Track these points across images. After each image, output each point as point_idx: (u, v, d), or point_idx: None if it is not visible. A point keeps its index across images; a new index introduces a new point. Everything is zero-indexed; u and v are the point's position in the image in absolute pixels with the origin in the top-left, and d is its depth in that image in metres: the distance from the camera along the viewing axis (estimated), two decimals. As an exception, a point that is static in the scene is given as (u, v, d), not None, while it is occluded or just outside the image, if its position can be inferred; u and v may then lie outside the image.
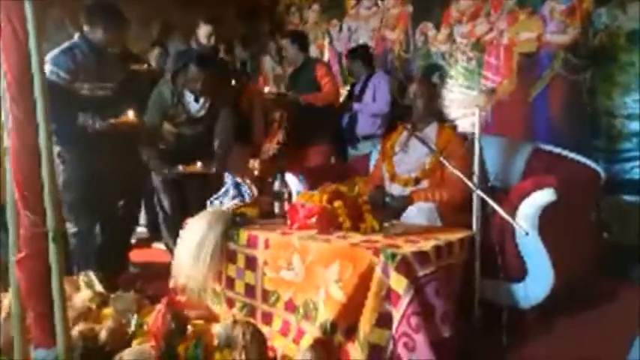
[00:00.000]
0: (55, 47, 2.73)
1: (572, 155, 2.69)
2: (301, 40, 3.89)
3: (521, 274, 2.19)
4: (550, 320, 2.22)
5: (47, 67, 2.56)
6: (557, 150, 2.74)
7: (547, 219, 2.18)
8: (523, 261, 2.20)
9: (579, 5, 3.51)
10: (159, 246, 3.73)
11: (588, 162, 2.64)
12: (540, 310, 2.18)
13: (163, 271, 2.86)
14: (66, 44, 2.75)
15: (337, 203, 2.20)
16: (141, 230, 4.03)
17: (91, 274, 2.43)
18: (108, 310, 2.21)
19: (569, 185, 2.27)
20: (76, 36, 2.80)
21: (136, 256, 3.44)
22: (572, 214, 2.43)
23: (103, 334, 1.86)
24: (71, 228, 2.79)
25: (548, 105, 3.67)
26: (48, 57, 2.59)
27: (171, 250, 3.11)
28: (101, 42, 2.77)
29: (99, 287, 2.35)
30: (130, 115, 2.73)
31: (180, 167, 3.03)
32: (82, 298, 2.20)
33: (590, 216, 2.66)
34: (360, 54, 3.95)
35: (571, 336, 2.15)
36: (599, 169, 2.60)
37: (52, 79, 2.59)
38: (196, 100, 3.12)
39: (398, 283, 1.82)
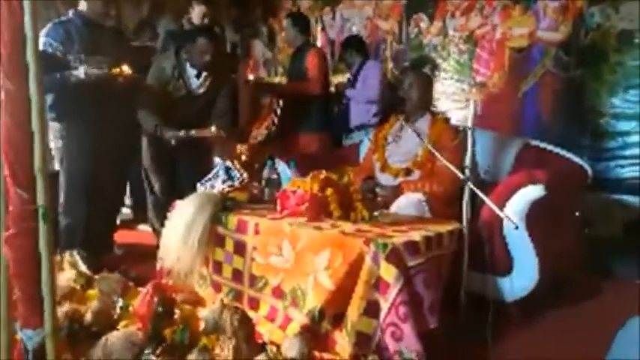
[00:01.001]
0: (45, 24, 2.71)
1: (561, 152, 2.72)
2: (303, 22, 3.82)
3: (507, 268, 2.21)
4: (534, 314, 2.26)
5: (40, 40, 2.53)
6: (547, 146, 2.76)
7: (535, 214, 2.21)
8: (510, 255, 2.22)
9: (572, 3, 3.54)
10: (144, 228, 3.69)
11: (576, 159, 2.68)
12: (525, 303, 2.21)
13: (148, 253, 2.85)
14: (60, 18, 2.75)
15: (328, 191, 2.19)
16: (125, 211, 3.98)
17: (76, 255, 2.39)
18: (92, 292, 2.18)
19: (558, 181, 2.30)
20: (70, 12, 2.79)
21: (121, 237, 3.40)
22: (559, 210, 2.47)
23: (88, 315, 1.83)
24: (64, 206, 2.78)
25: (537, 101, 3.70)
26: (42, 30, 2.59)
27: (157, 232, 3.08)
28: (94, 15, 2.75)
29: (83, 268, 2.32)
30: (125, 68, 2.70)
31: (193, 131, 2.99)
32: (66, 278, 2.16)
33: (575, 212, 2.70)
34: (353, 43, 3.92)
35: (554, 329, 2.18)
36: (586, 166, 2.63)
37: (46, 49, 2.58)
38: (198, 76, 3.08)
39: (388, 272, 1.83)
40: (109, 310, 1.91)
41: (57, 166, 2.85)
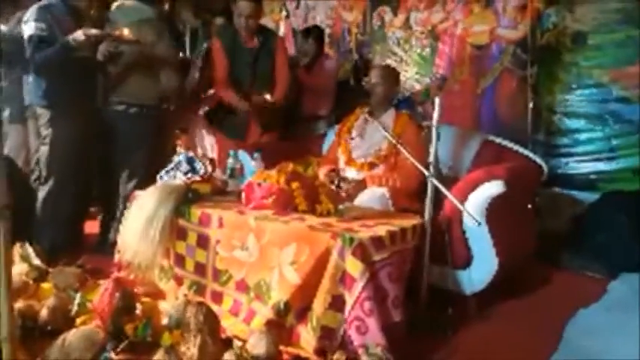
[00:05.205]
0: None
1: (518, 148, 2.81)
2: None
3: (466, 261, 2.27)
4: (491, 305, 2.33)
5: (30, 24, 2.64)
6: (505, 142, 2.84)
7: (494, 209, 2.27)
8: (469, 249, 2.28)
9: (530, 3, 3.63)
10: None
11: (533, 156, 2.77)
12: (482, 296, 2.28)
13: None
14: (43, 2, 2.73)
15: (295, 184, 2.19)
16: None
17: (28, 247, 2.28)
18: (46, 286, 2.09)
19: (516, 178, 2.37)
20: None
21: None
22: (517, 205, 2.55)
23: (43, 313, 1.75)
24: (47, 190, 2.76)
25: (495, 97, 3.79)
26: (27, 15, 2.68)
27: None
28: (78, 4, 2.78)
29: (36, 261, 2.22)
30: (126, 31, 2.66)
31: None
32: (17, 272, 2.06)
33: (530, 207, 2.79)
34: (315, 35, 3.90)
35: (511, 320, 2.26)
36: (542, 163, 2.73)
37: (38, 33, 2.63)
38: None
39: (354, 267, 1.84)
40: (65, 307, 1.83)
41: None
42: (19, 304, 1.74)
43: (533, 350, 1.98)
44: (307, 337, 1.89)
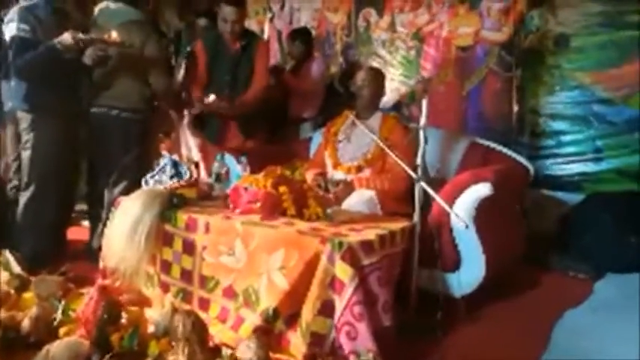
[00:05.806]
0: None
1: (505, 150, 2.82)
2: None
3: (455, 264, 2.27)
4: (481, 308, 2.33)
5: (12, 25, 2.56)
6: (492, 145, 2.86)
7: (482, 212, 2.27)
8: (458, 252, 2.28)
9: (514, 6, 3.66)
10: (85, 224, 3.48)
11: (519, 158, 2.79)
12: (471, 298, 2.28)
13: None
14: (26, 3, 2.66)
15: (282, 189, 2.16)
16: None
17: (8, 254, 2.22)
18: (28, 295, 2.04)
19: (503, 180, 2.38)
20: None
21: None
22: (504, 207, 2.56)
23: (25, 323, 1.70)
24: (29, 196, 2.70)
25: (480, 99, 3.82)
26: (9, 15, 2.61)
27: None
28: (62, 5, 2.72)
29: (17, 269, 2.16)
30: (114, 34, 2.57)
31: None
32: (-2, 281, 2.01)
33: (517, 209, 2.81)
34: (302, 37, 3.90)
35: (500, 322, 2.26)
36: (529, 165, 2.75)
37: (20, 34, 2.55)
38: None
39: (343, 271, 1.83)
40: (48, 317, 1.78)
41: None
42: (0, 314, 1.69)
43: (523, 352, 1.98)
44: (297, 343, 1.87)
